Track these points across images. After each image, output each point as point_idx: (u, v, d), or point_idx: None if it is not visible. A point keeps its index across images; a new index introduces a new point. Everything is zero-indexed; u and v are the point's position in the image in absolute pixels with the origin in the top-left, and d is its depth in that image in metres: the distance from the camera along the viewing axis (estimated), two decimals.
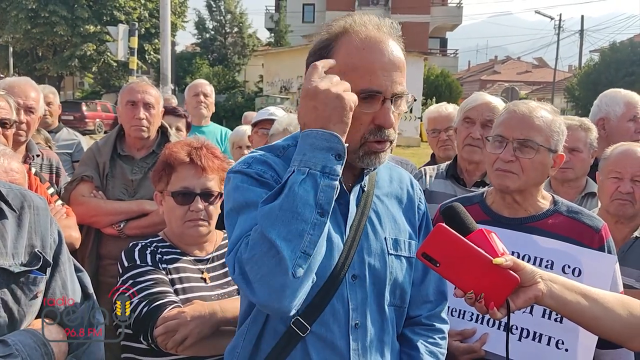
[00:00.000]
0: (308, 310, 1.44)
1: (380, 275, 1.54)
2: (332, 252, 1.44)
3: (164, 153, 2.18)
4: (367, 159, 1.47)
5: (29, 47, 31.65)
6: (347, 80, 1.38)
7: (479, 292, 1.37)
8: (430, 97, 29.51)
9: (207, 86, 5.04)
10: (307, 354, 1.44)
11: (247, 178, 1.43)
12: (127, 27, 13.93)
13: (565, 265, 1.86)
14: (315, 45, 1.51)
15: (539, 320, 1.86)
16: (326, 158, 1.29)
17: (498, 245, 1.42)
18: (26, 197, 1.53)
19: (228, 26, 40.40)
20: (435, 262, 1.38)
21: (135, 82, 3.11)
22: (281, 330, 1.46)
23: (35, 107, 3.00)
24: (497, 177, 1.96)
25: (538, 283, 1.40)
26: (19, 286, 1.42)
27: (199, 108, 4.90)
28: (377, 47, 1.43)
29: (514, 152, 1.91)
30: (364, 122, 1.42)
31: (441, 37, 48.25)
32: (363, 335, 1.50)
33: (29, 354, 1.36)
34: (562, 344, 1.83)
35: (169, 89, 12.69)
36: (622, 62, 36.02)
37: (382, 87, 1.41)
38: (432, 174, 2.85)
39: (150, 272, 1.95)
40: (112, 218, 2.84)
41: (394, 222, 1.61)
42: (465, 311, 1.98)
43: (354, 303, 1.49)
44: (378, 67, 1.41)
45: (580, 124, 2.83)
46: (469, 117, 2.72)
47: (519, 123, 1.93)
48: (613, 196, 2.40)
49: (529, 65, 62.20)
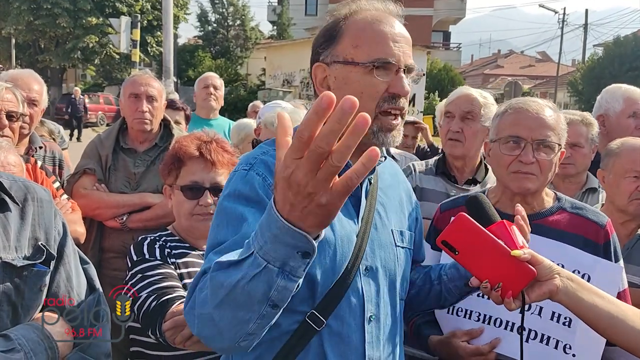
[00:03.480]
0: (323, 303, 1.41)
1: (391, 267, 1.54)
2: (349, 244, 1.44)
3: (173, 147, 2.17)
4: (382, 136, 1.46)
5: (31, 39, 31.60)
6: (360, 52, 1.42)
7: (495, 282, 1.39)
8: (432, 91, 29.50)
9: (217, 79, 5.04)
10: (322, 348, 1.42)
11: (240, 193, 1.39)
12: (130, 19, 13.88)
13: (575, 270, 1.82)
14: (321, 32, 1.52)
15: (548, 322, 1.84)
16: (289, 255, 1.03)
17: (518, 238, 1.43)
18: (29, 190, 1.52)
19: (230, 19, 40.23)
20: (455, 250, 1.41)
21: (138, 75, 3.11)
22: (294, 325, 1.42)
23: (38, 99, 2.99)
24: (516, 180, 1.89)
25: (554, 278, 1.40)
26: (23, 280, 1.41)
27: (209, 100, 4.89)
28: (387, 20, 1.47)
29: (533, 153, 1.85)
30: (380, 90, 1.44)
31: (444, 30, 48.03)
32: (377, 328, 1.49)
33: (32, 348, 1.35)
34: (570, 349, 1.80)
35: (172, 81, 12.67)
36: (626, 56, 35.82)
37: (395, 57, 1.43)
38: (422, 169, 2.82)
39: (159, 267, 1.94)
40: (114, 211, 2.84)
41: (396, 214, 1.62)
42: (472, 311, 1.95)
43: (369, 295, 1.48)
44: (390, 38, 1.44)
45: (581, 119, 2.80)
46: (449, 112, 2.72)
47: (535, 123, 1.86)
48: (632, 196, 2.32)
49: (532, 59, 61.95)
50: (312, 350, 1.41)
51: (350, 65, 1.44)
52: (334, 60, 1.47)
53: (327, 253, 1.40)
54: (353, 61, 1.44)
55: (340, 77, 1.46)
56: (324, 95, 0.90)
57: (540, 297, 1.40)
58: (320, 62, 1.50)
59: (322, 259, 1.40)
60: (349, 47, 1.44)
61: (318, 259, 1.39)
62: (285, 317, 1.39)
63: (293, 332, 1.41)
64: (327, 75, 1.49)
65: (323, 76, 1.49)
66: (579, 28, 44.67)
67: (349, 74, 1.44)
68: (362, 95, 1.41)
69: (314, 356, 1.42)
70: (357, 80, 1.43)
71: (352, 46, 1.44)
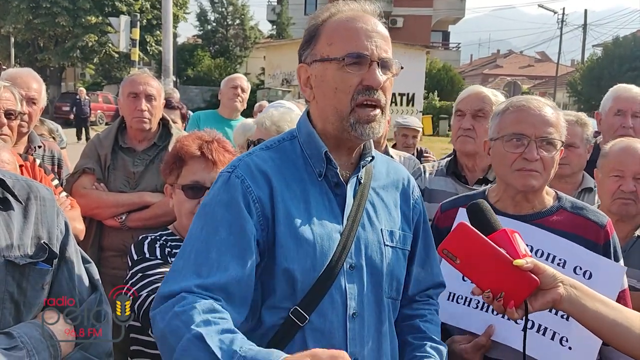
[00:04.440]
0: (306, 300, 1.46)
1: (377, 266, 1.56)
2: (330, 242, 1.48)
3: (175, 146, 2.19)
4: (360, 128, 1.49)
5: (31, 37, 31.60)
6: (334, 48, 1.48)
7: (497, 291, 1.38)
8: (432, 91, 29.52)
9: (245, 81, 5.11)
10: (305, 344, 1.45)
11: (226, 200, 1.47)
12: (129, 18, 13.89)
13: (577, 266, 1.83)
14: (304, 37, 1.59)
15: (546, 314, 1.82)
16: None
17: (520, 247, 1.42)
18: (32, 188, 1.52)
19: (230, 18, 40.23)
20: (455, 259, 1.40)
21: (137, 74, 3.11)
22: (279, 321, 1.47)
23: (37, 98, 2.99)
24: (520, 178, 1.89)
25: (558, 287, 1.39)
26: (25, 278, 1.41)
27: (235, 100, 4.92)
28: (361, 18, 1.51)
29: (537, 150, 1.86)
30: (353, 84, 1.47)
31: (444, 30, 48.03)
32: (360, 325, 1.52)
33: (34, 346, 1.35)
34: (567, 342, 1.81)
35: (171, 80, 12.68)
36: (625, 57, 35.86)
37: (367, 50, 1.47)
38: (432, 170, 2.80)
39: (159, 266, 1.95)
40: (113, 210, 2.84)
41: (389, 214, 1.64)
42: (471, 299, 1.94)
43: (352, 293, 1.51)
44: (363, 33, 1.49)
45: (576, 119, 2.80)
46: (460, 110, 2.71)
47: (538, 120, 1.87)
48: (615, 195, 2.34)
49: (531, 60, 62.03)
50: (296, 345, 1.45)
51: (326, 62, 1.50)
52: (313, 60, 1.53)
53: (306, 251, 1.45)
54: (328, 57, 1.50)
55: (318, 75, 1.52)
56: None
57: (543, 306, 1.39)
58: (303, 63, 1.57)
59: (300, 256, 1.45)
60: (325, 45, 1.51)
61: (296, 256, 1.44)
62: (270, 314, 1.47)
63: (278, 328, 1.46)
64: (309, 75, 1.55)
65: (306, 76, 1.57)
66: (578, 28, 44.70)
67: (325, 70, 1.50)
68: (337, 91, 1.48)
69: (296, 351, 1.43)
70: (332, 76, 1.49)
71: (327, 44, 1.50)
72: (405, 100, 25.76)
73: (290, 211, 1.47)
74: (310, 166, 1.55)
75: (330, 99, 1.50)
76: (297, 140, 1.59)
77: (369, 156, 1.61)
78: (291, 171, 1.53)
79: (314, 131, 1.56)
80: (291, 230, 1.46)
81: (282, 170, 1.52)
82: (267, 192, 1.48)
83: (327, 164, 1.53)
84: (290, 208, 1.48)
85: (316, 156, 1.54)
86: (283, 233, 1.46)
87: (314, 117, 1.58)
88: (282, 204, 1.47)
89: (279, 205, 1.47)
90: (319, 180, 1.54)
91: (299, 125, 1.62)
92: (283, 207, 1.47)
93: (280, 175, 1.51)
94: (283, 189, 1.49)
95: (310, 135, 1.56)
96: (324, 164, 1.53)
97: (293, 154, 1.57)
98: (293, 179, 1.52)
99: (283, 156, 1.56)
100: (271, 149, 1.58)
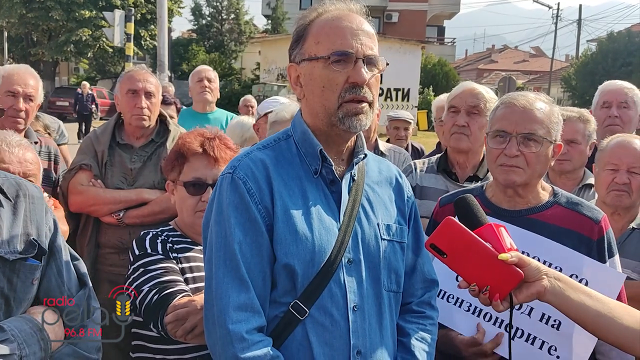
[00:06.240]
0: (306, 294, 1.50)
1: (375, 259, 1.60)
2: (328, 237, 1.52)
3: (177, 143, 2.20)
4: (348, 121, 1.53)
5: (24, 32, 31.36)
6: (321, 47, 1.52)
7: (483, 285, 1.42)
8: (427, 86, 29.51)
9: (211, 72, 5.01)
10: (306, 337, 1.50)
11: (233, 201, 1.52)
12: (123, 12, 13.77)
13: (573, 274, 1.84)
14: (293, 37, 1.63)
15: (536, 323, 1.86)
16: None
17: (506, 241, 1.45)
18: (21, 186, 1.57)
19: (225, 12, 40.10)
20: (443, 254, 1.44)
21: (135, 71, 3.08)
22: (279, 315, 1.51)
23: (34, 95, 2.98)
24: (502, 173, 1.96)
25: (542, 279, 1.42)
26: (15, 274, 1.46)
27: (204, 93, 4.85)
28: (347, 17, 1.56)
29: (518, 146, 1.91)
30: (339, 82, 1.52)
31: (439, 25, 48.03)
32: (362, 318, 1.55)
33: (25, 339, 1.40)
34: (555, 351, 1.83)
35: (166, 75, 12.62)
36: (619, 52, 35.94)
37: (352, 48, 1.51)
38: (423, 167, 2.81)
39: (160, 261, 1.97)
40: (111, 207, 2.84)
41: (385, 208, 1.68)
42: (463, 300, 1.98)
43: (351, 286, 1.55)
44: (348, 31, 1.53)
45: (579, 116, 2.83)
46: (454, 106, 2.70)
47: (521, 117, 1.92)
48: (609, 187, 2.42)
49: (526, 55, 62.12)
50: (297, 338, 1.50)
51: (314, 60, 1.54)
52: (301, 59, 1.58)
53: (305, 246, 1.49)
54: (315, 56, 1.54)
55: (307, 73, 1.56)
56: None
57: (528, 298, 1.43)
58: (292, 63, 1.61)
59: (300, 251, 1.49)
60: (312, 44, 1.56)
61: (296, 251, 1.49)
62: (271, 308, 1.51)
63: (278, 321, 1.50)
64: (298, 74, 1.60)
65: (295, 75, 1.61)
66: (573, 23, 44.83)
67: (313, 69, 1.55)
68: (324, 89, 1.53)
69: (298, 344, 1.50)
70: (319, 74, 1.53)
71: (314, 43, 1.55)
72: (400, 96, 25.75)
73: (289, 208, 1.52)
74: (306, 164, 1.59)
75: (319, 96, 1.54)
76: (292, 139, 1.64)
77: (361, 154, 1.65)
78: (288, 169, 1.58)
79: (308, 129, 1.60)
80: (290, 226, 1.50)
81: (279, 168, 1.57)
82: (267, 191, 1.52)
83: (323, 161, 1.58)
84: (288, 205, 1.52)
85: (311, 154, 1.59)
86: (282, 229, 1.50)
87: (305, 115, 1.63)
88: (281, 202, 1.52)
89: (278, 202, 1.52)
90: (315, 177, 1.59)
91: (293, 124, 1.66)
92: (282, 204, 1.52)
93: (278, 173, 1.55)
94: (281, 187, 1.54)
95: (304, 133, 1.60)
96: (320, 161, 1.58)
97: (289, 152, 1.61)
98: (290, 177, 1.57)
99: (280, 155, 1.60)
100: (268, 148, 1.63)
